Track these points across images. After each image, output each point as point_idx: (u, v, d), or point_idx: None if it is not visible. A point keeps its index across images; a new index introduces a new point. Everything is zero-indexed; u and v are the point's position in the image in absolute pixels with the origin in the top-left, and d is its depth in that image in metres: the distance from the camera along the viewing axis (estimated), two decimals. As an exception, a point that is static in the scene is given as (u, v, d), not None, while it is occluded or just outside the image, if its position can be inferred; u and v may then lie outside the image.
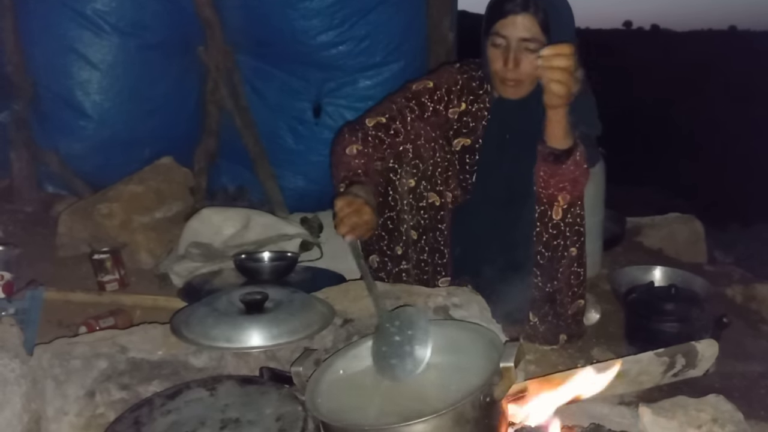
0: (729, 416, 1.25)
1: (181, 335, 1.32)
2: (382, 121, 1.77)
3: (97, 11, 2.65)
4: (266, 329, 1.31)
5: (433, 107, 1.81)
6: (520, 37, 1.66)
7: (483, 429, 1.04)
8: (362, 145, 1.72)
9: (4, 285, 1.89)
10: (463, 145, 1.84)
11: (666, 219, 2.96)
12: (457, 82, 1.83)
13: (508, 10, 1.66)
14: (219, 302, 1.39)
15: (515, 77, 1.70)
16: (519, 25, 1.66)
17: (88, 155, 2.79)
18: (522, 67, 1.68)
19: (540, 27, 1.65)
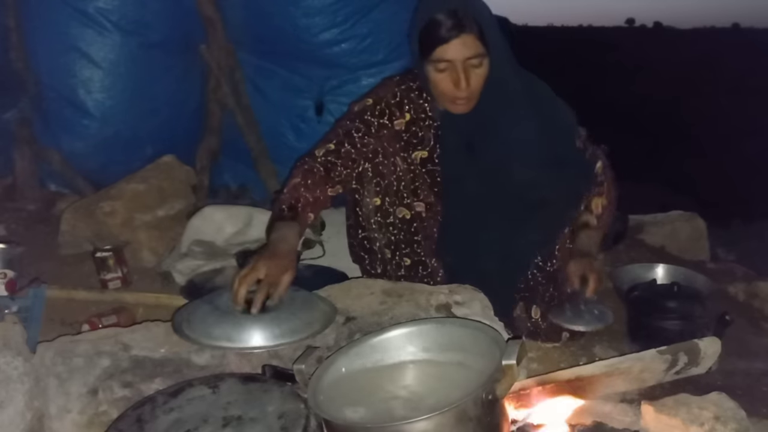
0: (731, 414, 1.25)
1: (183, 334, 1.31)
2: (330, 148, 1.75)
3: (100, 9, 2.66)
4: (268, 328, 1.29)
5: (378, 122, 1.78)
6: (464, 58, 1.63)
7: (485, 427, 1.04)
8: (301, 178, 1.67)
9: (7, 283, 1.89)
10: (421, 157, 1.82)
11: (668, 216, 2.96)
12: (395, 94, 1.80)
13: (445, 37, 1.62)
14: (220, 300, 1.37)
15: (467, 95, 1.68)
16: (461, 46, 1.62)
17: (90, 153, 2.80)
18: (472, 84, 1.66)
19: (479, 41, 1.63)
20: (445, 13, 1.62)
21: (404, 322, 1.31)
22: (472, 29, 1.62)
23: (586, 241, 1.78)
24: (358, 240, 1.90)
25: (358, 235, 1.89)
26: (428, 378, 1.20)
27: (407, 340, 1.25)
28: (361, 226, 1.87)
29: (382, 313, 1.45)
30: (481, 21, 1.64)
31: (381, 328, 1.29)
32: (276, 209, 1.62)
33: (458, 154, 1.79)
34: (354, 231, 1.91)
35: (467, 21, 1.61)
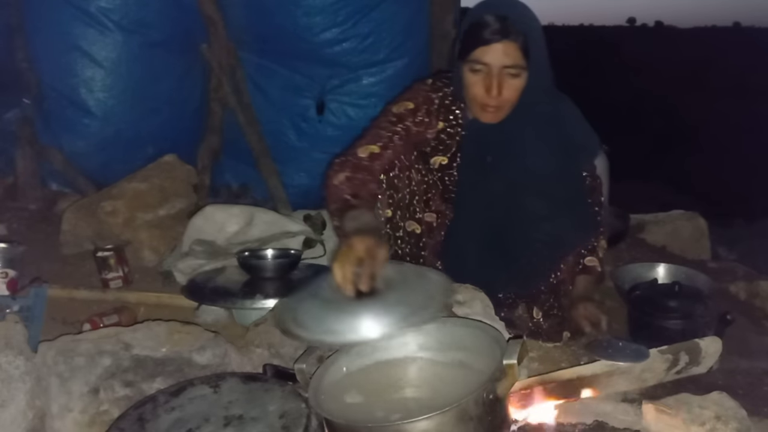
0: (732, 413, 1.25)
1: (297, 335, 1.16)
2: (375, 151, 1.69)
3: (101, 9, 2.66)
4: (390, 310, 1.14)
5: (416, 129, 1.76)
6: (502, 65, 1.61)
7: (486, 426, 1.04)
8: (351, 172, 1.63)
9: (9, 282, 1.89)
10: (440, 163, 1.81)
11: (669, 216, 2.96)
12: (432, 101, 1.78)
13: (488, 38, 1.61)
14: (321, 290, 1.22)
15: (497, 104, 1.66)
16: (501, 52, 1.60)
17: (91, 153, 2.80)
18: (504, 94, 1.64)
19: (521, 52, 1.61)
20: (493, 16, 1.60)
21: None
22: (517, 38, 1.60)
23: (588, 286, 1.81)
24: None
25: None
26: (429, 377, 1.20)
27: (408, 340, 1.25)
28: None
29: (383, 312, 1.45)
30: (528, 34, 1.62)
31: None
32: (339, 199, 1.55)
33: (475, 164, 1.78)
34: None
35: (514, 29, 1.60)
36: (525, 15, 1.64)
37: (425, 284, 1.23)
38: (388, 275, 1.22)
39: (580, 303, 1.78)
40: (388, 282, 1.21)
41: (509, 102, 1.66)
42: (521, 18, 1.62)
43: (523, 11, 1.65)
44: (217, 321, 1.87)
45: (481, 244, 1.82)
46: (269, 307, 1.65)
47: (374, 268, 1.22)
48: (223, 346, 1.38)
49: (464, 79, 1.67)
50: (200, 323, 1.73)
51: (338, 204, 1.55)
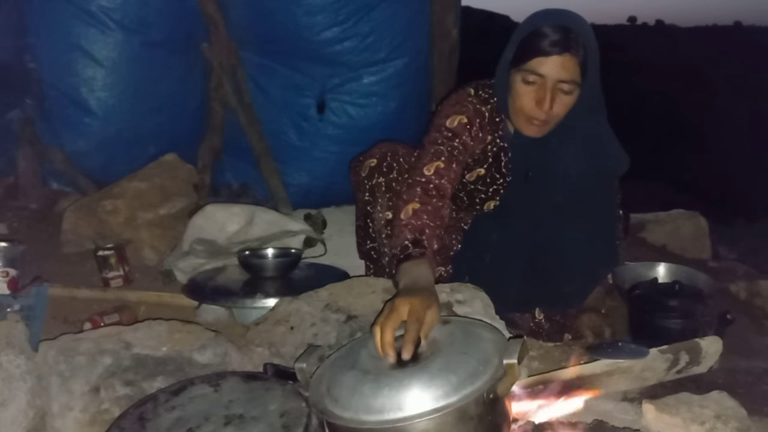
0: (733, 412, 1.25)
1: (333, 415, 1.03)
2: (441, 166, 1.58)
3: (102, 8, 2.66)
4: (438, 379, 1.01)
5: (472, 144, 1.68)
6: (558, 79, 1.55)
7: (487, 426, 1.04)
8: (421, 201, 1.50)
9: (9, 281, 1.89)
10: (478, 174, 1.76)
11: (670, 215, 2.96)
12: (483, 115, 1.70)
13: (548, 50, 1.53)
14: (359, 359, 1.10)
15: (545, 118, 1.59)
16: (559, 66, 1.53)
17: (92, 152, 2.80)
18: (554, 109, 1.57)
19: (579, 68, 1.55)
20: (556, 27, 1.54)
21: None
22: (577, 53, 1.54)
23: (597, 297, 1.83)
24: (366, 249, 1.88)
25: (366, 243, 1.87)
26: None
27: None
28: (371, 237, 1.84)
29: (383, 312, 1.45)
30: (588, 50, 1.56)
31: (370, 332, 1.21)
32: (398, 245, 1.42)
33: (518, 179, 1.75)
34: (363, 236, 1.88)
35: (575, 44, 1.54)
36: (585, 30, 1.58)
37: (477, 345, 1.08)
38: (433, 336, 1.11)
39: (585, 313, 1.79)
40: (433, 344, 1.09)
41: (557, 117, 1.60)
42: (582, 32, 1.56)
43: (584, 26, 1.59)
44: (217, 320, 1.87)
45: (518, 259, 1.78)
46: (270, 306, 1.65)
47: (418, 332, 1.10)
48: (223, 345, 1.38)
49: (513, 88, 1.60)
50: (201, 322, 1.73)
51: (397, 247, 1.42)
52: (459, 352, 1.05)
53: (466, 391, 1.00)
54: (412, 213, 1.47)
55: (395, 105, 2.85)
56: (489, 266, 1.80)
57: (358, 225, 1.91)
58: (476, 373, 1.02)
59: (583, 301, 1.86)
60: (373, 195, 1.80)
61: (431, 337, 1.11)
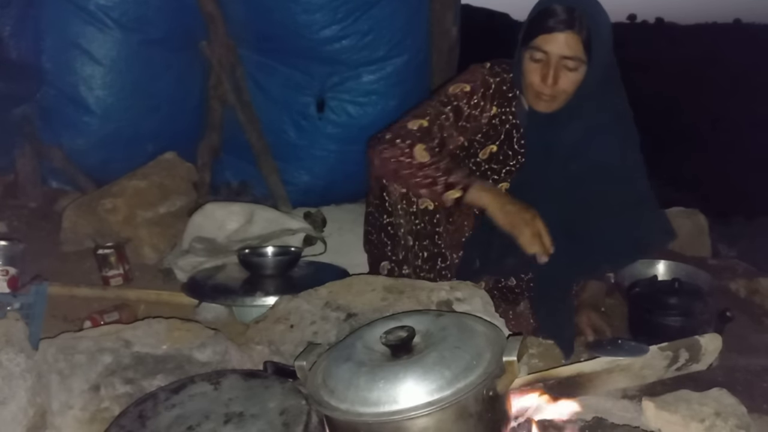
0: (732, 410, 1.25)
1: (330, 407, 1.04)
2: (424, 125, 1.71)
3: (101, 6, 2.65)
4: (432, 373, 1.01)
5: (469, 112, 1.76)
6: (561, 55, 1.63)
7: (486, 423, 1.04)
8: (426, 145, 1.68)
9: (9, 280, 1.89)
10: (491, 152, 1.81)
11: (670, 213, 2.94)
12: (489, 85, 1.78)
13: (551, 27, 1.62)
14: (356, 351, 1.10)
15: (551, 93, 1.67)
16: (562, 42, 1.62)
17: (91, 151, 2.80)
18: (560, 84, 1.65)
19: (583, 45, 1.62)
20: (562, 6, 1.62)
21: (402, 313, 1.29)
22: (580, 31, 1.61)
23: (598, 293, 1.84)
24: (382, 224, 1.82)
25: (382, 219, 1.81)
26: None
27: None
28: (387, 211, 1.80)
29: (383, 309, 1.45)
30: (593, 29, 1.63)
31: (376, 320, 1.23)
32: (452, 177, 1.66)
33: (534, 155, 1.79)
34: (377, 216, 1.83)
35: (579, 21, 1.61)
36: (594, 10, 1.65)
37: (471, 339, 1.08)
38: (428, 330, 1.11)
39: (585, 310, 1.79)
40: (428, 338, 1.09)
41: (564, 93, 1.67)
42: (589, 12, 1.63)
43: (594, 6, 1.66)
44: (217, 318, 1.87)
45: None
46: (269, 305, 1.65)
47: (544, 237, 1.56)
48: (223, 343, 1.38)
49: (523, 65, 1.69)
50: (200, 320, 1.74)
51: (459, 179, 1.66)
52: (453, 347, 1.05)
53: (460, 385, 1.00)
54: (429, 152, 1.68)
55: (395, 103, 2.85)
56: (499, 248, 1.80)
57: (370, 210, 1.87)
58: (470, 367, 1.03)
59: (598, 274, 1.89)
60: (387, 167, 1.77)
61: (426, 330, 1.11)
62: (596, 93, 1.71)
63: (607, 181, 1.76)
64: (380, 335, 1.09)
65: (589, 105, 1.72)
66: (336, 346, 1.18)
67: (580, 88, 1.68)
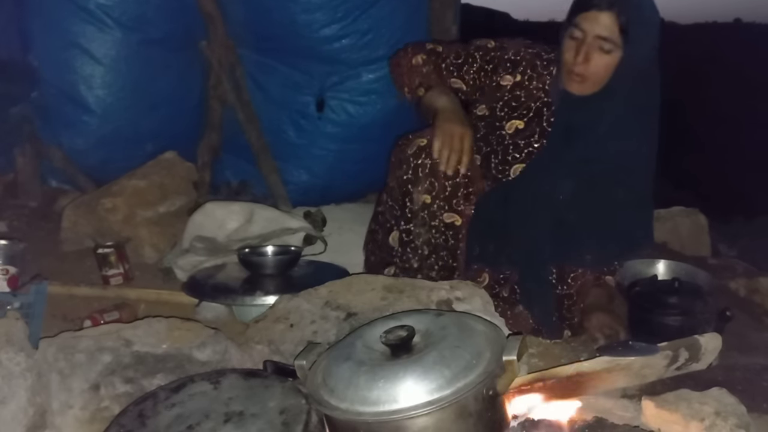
0: (732, 409, 1.25)
1: (328, 405, 1.04)
2: (437, 49, 1.86)
3: (100, 6, 2.65)
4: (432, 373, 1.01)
5: (486, 67, 1.82)
6: (597, 34, 1.63)
7: (486, 422, 1.04)
8: (427, 56, 1.83)
9: (9, 279, 1.89)
10: (516, 128, 1.79)
11: (669, 212, 2.96)
12: (517, 52, 1.82)
13: (593, 4, 1.64)
14: (356, 350, 1.10)
15: (582, 72, 1.67)
16: (599, 21, 1.63)
17: (91, 150, 2.80)
18: (591, 65, 1.65)
19: (619, 28, 1.62)
20: None
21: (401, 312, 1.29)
22: (620, 14, 1.62)
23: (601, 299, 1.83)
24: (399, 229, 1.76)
25: (399, 224, 1.75)
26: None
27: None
28: (407, 218, 1.74)
29: (383, 308, 1.45)
30: (634, 14, 1.63)
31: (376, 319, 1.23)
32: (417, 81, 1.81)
33: (563, 136, 1.78)
34: (390, 219, 1.78)
35: (620, 5, 1.62)
36: (640, 2, 1.66)
37: (471, 338, 1.08)
38: (427, 329, 1.10)
39: (594, 313, 1.78)
40: (427, 337, 1.08)
41: (596, 75, 1.67)
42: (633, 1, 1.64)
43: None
44: (217, 318, 1.87)
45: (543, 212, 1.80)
46: (269, 304, 1.65)
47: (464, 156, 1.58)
48: (223, 342, 1.38)
49: (563, 45, 1.70)
50: (200, 320, 1.74)
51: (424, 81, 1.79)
52: (452, 346, 1.05)
53: (460, 384, 1.00)
54: (423, 61, 1.82)
55: (394, 103, 2.83)
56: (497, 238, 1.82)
57: (380, 210, 1.85)
58: (470, 366, 1.03)
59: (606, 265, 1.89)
60: (416, 174, 1.72)
61: (426, 329, 1.10)
62: (630, 83, 1.70)
63: (612, 176, 1.76)
64: (380, 334, 1.09)
65: (620, 95, 1.71)
66: (336, 346, 1.18)
67: (614, 74, 1.67)
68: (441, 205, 1.73)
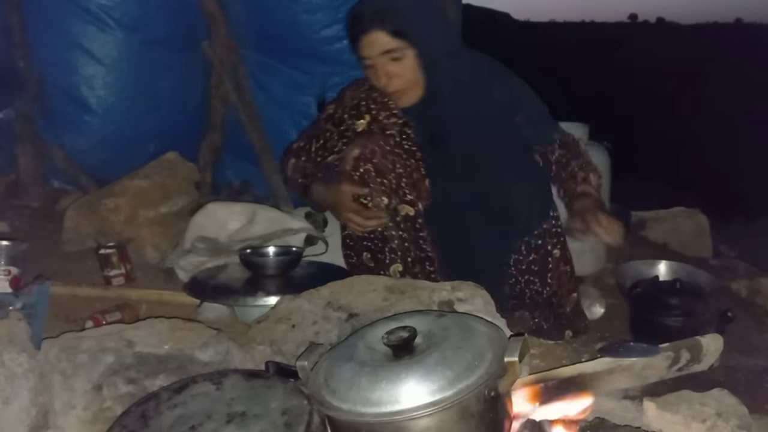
0: (733, 410, 1.25)
1: (330, 405, 1.04)
2: (302, 144, 1.92)
3: (102, 6, 2.66)
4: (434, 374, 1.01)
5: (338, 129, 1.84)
6: (378, 54, 1.65)
7: (488, 423, 1.04)
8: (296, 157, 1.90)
9: (11, 280, 1.90)
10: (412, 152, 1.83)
11: (671, 213, 2.96)
12: (354, 96, 1.84)
13: (358, 32, 1.66)
14: (358, 351, 1.10)
15: (394, 88, 1.69)
16: (371, 43, 1.65)
17: (93, 150, 2.81)
18: (394, 78, 1.67)
19: (394, 34, 1.63)
20: (359, 9, 1.66)
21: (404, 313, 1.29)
22: (384, 25, 1.62)
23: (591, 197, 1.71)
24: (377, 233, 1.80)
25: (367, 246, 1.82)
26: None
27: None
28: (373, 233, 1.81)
29: (384, 309, 1.45)
30: (402, 13, 1.63)
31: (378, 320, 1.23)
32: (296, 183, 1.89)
33: (425, 148, 1.79)
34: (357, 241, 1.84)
35: (377, 17, 1.63)
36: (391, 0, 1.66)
37: (473, 339, 1.08)
38: (429, 330, 1.11)
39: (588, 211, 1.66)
40: (429, 338, 1.09)
41: (406, 82, 1.68)
42: (384, 3, 1.65)
43: None
44: (219, 318, 1.87)
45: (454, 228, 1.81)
46: (271, 304, 1.65)
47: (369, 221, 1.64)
48: (225, 343, 1.38)
49: (366, 75, 1.73)
50: (202, 320, 1.74)
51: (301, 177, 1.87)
52: (454, 347, 1.05)
53: (462, 385, 1.00)
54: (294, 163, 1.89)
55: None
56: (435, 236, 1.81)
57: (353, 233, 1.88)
58: (471, 367, 1.03)
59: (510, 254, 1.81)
60: (365, 184, 1.77)
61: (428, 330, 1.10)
62: (446, 66, 1.70)
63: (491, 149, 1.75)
64: (382, 335, 1.09)
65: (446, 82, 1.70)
66: (338, 346, 1.18)
67: (424, 69, 1.67)
68: (396, 200, 1.79)
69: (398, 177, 1.78)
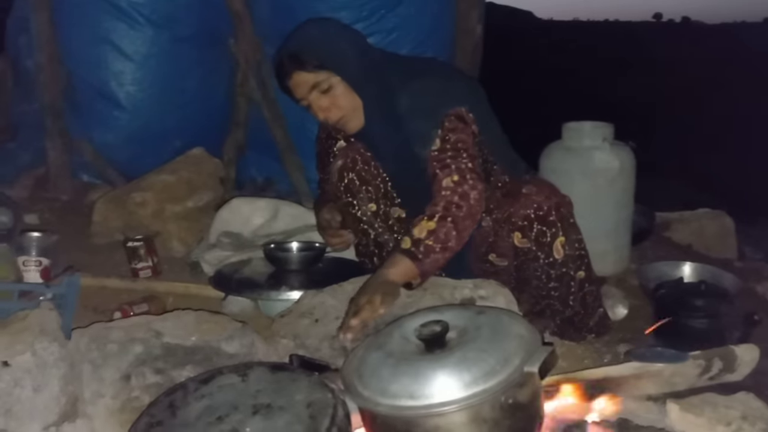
0: (759, 414, 1.24)
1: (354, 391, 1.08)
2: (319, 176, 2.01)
3: (132, 3, 2.70)
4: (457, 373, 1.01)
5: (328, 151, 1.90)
6: (307, 90, 1.66)
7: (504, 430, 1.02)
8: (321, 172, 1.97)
9: (42, 270, 1.93)
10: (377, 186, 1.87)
11: (695, 214, 2.92)
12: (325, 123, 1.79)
13: (283, 78, 1.68)
14: (391, 343, 1.12)
15: (333, 120, 1.70)
16: (297, 83, 1.66)
17: (121, 145, 2.85)
18: (332, 109, 1.68)
19: (317, 71, 1.64)
20: (276, 59, 1.69)
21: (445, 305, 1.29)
22: (303, 66, 1.64)
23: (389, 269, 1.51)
24: (371, 240, 1.88)
25: (370, 235, 1.87)
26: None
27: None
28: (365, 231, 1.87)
29: (407, 305, 1.46)
30: (320, 50, 1.65)
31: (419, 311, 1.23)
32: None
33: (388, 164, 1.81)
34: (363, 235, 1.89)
35: (296, 60, 1.64)
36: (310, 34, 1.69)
37: (500, 343, 1.06)
38: (464, 327, 1.10)
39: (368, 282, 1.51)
40: (462, 335, 1.09)
41: (343, 109, 1.69)
42: (305, 40, 1.67)
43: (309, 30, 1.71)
44: (243, 312, 1.89)
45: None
46: (294, 299, 1.67)
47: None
48: (250, 336, 1.40)
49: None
50: (227, 313, 1.76)
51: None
52: (479, 349, 1.04)
53: (476, 389, 1.00)
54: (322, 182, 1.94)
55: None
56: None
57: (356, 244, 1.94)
58: (491, 372, 1.01)
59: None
60: (351, 193, 1.82)
61: (463, 326, 1.10)
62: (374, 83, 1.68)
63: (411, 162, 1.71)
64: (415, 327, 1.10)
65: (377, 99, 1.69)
66: (378, 333, 1.21)
67: (359, 90, 1.67)
68: (386, 203, 1.83)
69: (384, 182, 1.82)
